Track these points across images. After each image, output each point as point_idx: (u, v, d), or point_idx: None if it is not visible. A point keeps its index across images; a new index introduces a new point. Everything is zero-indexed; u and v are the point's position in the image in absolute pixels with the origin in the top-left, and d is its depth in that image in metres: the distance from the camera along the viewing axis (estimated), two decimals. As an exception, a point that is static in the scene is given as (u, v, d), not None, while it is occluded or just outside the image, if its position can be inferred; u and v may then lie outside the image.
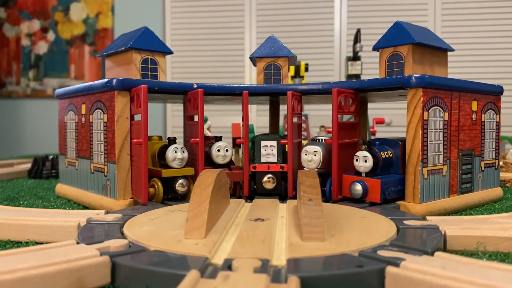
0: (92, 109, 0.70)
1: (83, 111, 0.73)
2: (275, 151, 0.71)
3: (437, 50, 0.69)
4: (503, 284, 0.30)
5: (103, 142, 0.67)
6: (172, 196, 0.67)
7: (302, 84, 0.75)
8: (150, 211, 0.57)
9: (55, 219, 0.50)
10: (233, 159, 0.77)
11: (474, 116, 0.70)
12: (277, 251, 0.40)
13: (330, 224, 0.48)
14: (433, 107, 0.62)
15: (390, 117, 2.21)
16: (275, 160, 0.71)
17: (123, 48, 0.69)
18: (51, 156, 1.11)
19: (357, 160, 0.65)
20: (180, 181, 0.66)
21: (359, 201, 0.64)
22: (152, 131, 0.83)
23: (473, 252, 0.44)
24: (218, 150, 0.71)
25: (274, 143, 0.71)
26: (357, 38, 1.41)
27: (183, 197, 0.67)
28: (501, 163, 1.01)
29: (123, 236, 0.45)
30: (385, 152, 0.66)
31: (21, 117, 2.68)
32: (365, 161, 0.64)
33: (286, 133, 1.20)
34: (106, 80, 0.65)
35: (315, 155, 0.68)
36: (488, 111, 0.73)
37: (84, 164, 0.73)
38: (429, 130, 0.62)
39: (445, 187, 0.65)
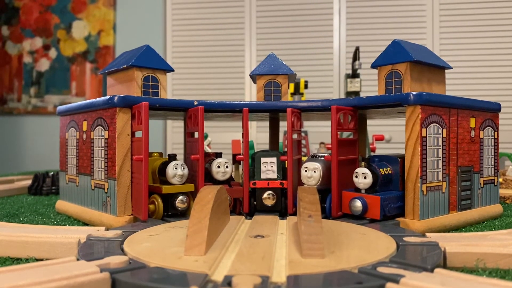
0: (93, 126, 0.70)
1: (84, 128, 0.73)
2: (275, 168, 0.71)
3: (435, 67, 0.70)
4: (503, 301, 0.30)
5: (103, 159, 0.67)
6: (172, 212, 0.67)
7: (302, 101, 0.76)
8: (150, 227, 0.57)
9: (55, 236, 0.50)
10: (233, 176, 0.78)
11: (472, 133, 0.70)
12: (277, 267, 0.40)
13: (330, 241, 0.48)
14: (432, 124, 0.63)
15: (390, 133, 2.22)
16: (275, 177, 0.71)
17: (125, 66, 0.70)
18: (52, 173, 1.11)
19: (356, 176, 0.65)
20: (180, 197, 0.66)
21: (359, 217, 0.64)
22: (153, 148, 0.84)
23: (473, 269, 0.44)
24: (218, 167, 0.71)
25: (274, 159, 0.71)
26: (356, 56, 1.43)
27: (183, 214, 0.67)
28: (500, 179, 1.01)
29: (123, 252, 0.45)
30: (384, 169, 0.67)
31: (22, 134, 2.69)
32: (365, 177, 0.64)
33: (286, 149, 1.20)
34: (107, 97, 0.65)
35: (314, 171, 0.68)
36: (486, 128, 0.74)
37: (85, 181, 0.73)
38: (427, 147, 0.62)
39: (445, 203, 0.65)
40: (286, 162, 0.70)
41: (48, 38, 2.65)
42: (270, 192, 0.70)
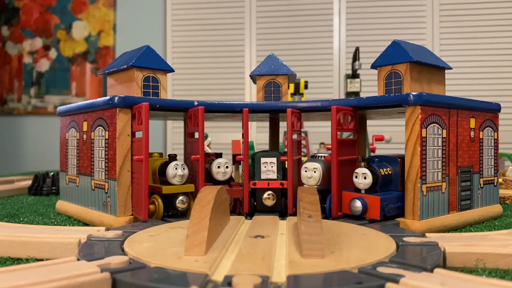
0: (93, 126, 0.70)
1: (85, 128, 0.73)
2: (275, 168, 0.71)
3: (434, 68, 0.70)
4: (502, 301, 0.30)
5: (104, 159, 0.67)
6: (172, 213, 0.67)
7: (302, 102, 0.76)
8: (150, 227, 0.57)
9: (56, 236, 0.50)
10: (233, 176, 0.78)
11: (472, 133, 0.71)
12: (277, 268, 0.40)
13: (330, 241, 0.48)
14: (431, 125, 0.63)
15: (390, 134, 2.22)
16: (275, 177, 0.71)
17: (125, 66, 0.70)
18: (52, 173, 1.11)
19: (356, 177, 0.65)
20: (180, 197, 0.66)
21: (359, 218, 0.64)
22: (153, 148, 0.84)
23: (473, 269, 0.44)
24: (218, 167, 0.71)
25: (274, 159, 0.72)
26: (356, 56, 1.43)
27: (183, 214, 0.67)
28: (500, 180, 1.01)
29: (123, 252, 0.45)
30: (384, 169, 0.67)
31: (22, 134, 2.69)
32: (365, 178, 0.64)
33: (286, 150, 1.20)
34: (108, 97, 0.65)
35: (314, 172, 0.68)
36: (486, 128, 0.74)
37: (85, 181, 0.73)
38: (427, 147, 0.62)
39: (445, 204, 0.65)
40: (286, 162, 0.70)
41: (48, 39, 2.66)
42: (270, 192, 0.70)
